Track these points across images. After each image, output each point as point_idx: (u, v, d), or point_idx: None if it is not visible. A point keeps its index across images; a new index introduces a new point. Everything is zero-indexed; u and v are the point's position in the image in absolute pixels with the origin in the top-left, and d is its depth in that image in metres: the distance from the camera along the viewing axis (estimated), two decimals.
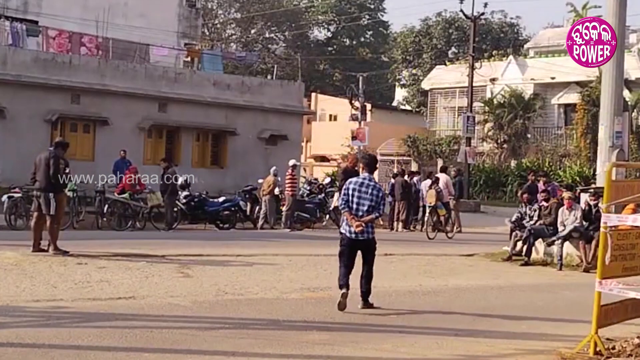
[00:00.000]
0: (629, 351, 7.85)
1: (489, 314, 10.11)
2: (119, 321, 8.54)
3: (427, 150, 43.19)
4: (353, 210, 9.91)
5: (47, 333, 7.77)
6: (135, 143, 27.15)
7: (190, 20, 36.22)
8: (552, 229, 15.98)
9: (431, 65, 50.39)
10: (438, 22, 54.88)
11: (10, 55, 25.89)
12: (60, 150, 14.08)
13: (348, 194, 9.98)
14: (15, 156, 23.30)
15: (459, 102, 43.29)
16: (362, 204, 9.91)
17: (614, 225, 7.85)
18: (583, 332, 8.02)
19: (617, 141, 16.29)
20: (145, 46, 30.21)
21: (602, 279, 7.69)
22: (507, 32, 55.40)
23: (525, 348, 8.34)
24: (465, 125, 33.21)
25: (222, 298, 10.22)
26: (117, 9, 31.89)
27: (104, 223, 20.75)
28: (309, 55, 58.10)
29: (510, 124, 39.26)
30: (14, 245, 13.88)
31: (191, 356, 7.43)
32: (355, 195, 9.95)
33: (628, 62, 23.37)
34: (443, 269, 14.80)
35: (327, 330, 8.80)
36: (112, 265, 12.55)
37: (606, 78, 16.49)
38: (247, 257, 14.48)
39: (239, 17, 60.24)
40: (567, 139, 39.40)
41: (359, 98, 39.53)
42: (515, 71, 41.69)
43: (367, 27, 65.42)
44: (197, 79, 29.89)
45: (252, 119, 30.74)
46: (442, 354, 8.03)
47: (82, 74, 26.75)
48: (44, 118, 25.95)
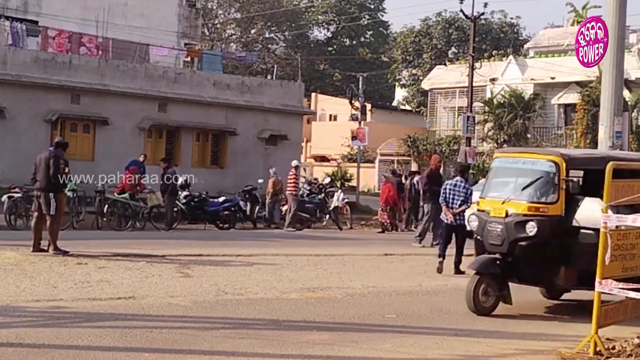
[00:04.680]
0: (629, 351, 7.85)
1: (488, 314, 10.11)
2: (119, 321, 8.54)
3: (427, 150, 43.15)
4: (449, 204, 13.70)
5: (47, 333, 7.77)
6: (135, 143, 27.13)
7: (190, 20, 36.20)
8: None
9: (431, 65, 50.36)
10: (438, 22, 54.86)
11: (10, 55, 25.88)
12: (60, 150, 14.08)
13: (446, 193, 13.83)
14: (15, 156, 23.29)
15: (459, 102, 43.25)
16: (456, 199, 13.71)
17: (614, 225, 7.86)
18: (583, 332, 8.02)
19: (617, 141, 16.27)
20: (145, 46, 30.20)
21: (602, 279, 7.70)
22: (507, 32, 55.38)
23: (525, 348, 8.35)
24: (465, 125, 33.19)
25: (222, 298, 10.22)
26: (117, 9, 31.89)
27: (104, 223, 20.74)
28: (309, 55, 58.08)
29: (510, 124, 39.24)
30: (14, 245, 13.87)
31: (191, 356, 7.43)
32: (450, 193, 13.76)
33: (628, 62, 23.35)
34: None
35: (327, 330, 8.80)
36: (112, 265, 12.55)
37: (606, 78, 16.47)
38: (247, 257, 14.48)
39: (239, 17, 60.21)
40: (567, 139, 39.37)
41: (359, 98, 39.49)
42: (515, 71, 41.67)
43: (367, 27, 65.40)
44: (197, 79, 29.88)
45: (252, 119, 30.74)
46: (442, 354, 8.03)
47: (82, 74, 26.74)
48: (44, 118, 25.95)
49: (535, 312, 10.55)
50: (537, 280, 10.40)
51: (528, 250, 9.90)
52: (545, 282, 10.52)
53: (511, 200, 10.08)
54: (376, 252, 16.36)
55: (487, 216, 10.25)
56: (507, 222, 9.94)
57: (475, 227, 10.44)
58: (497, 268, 10.06)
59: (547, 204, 9.93)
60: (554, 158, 10.11)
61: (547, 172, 10.05)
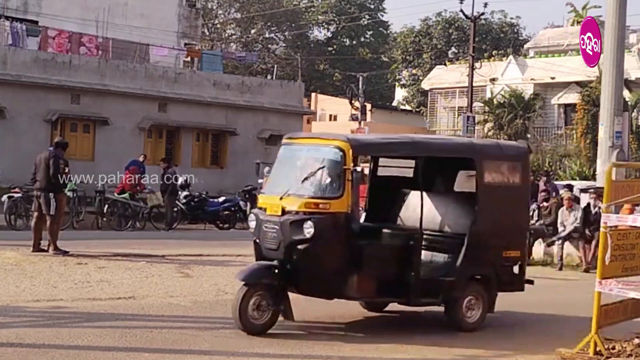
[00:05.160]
0: (629, 351, 7.85)
1: (488, 314, 10.09)
2: (119, 321, 8.54)
3: None
4: None
5: (47, 333, 7.77)
6: (135, 143, 27.13)
7: (190, 20, 36.19)
8: (551, 229, 15.98)
9: (431, 65, 50.33)
10: (438, 22, 54.82)
11: (10, 55, 25.89)
12: (60, 150, 14.08)
13: None
14: (15, 156, 23.28)
15: (459, 102, 43.23)
16: None
17: (614, 225, 7.86)
18: (583, 332, 8.01)
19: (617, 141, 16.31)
20: (145, 46, 30.20)
21: (602, 279, 7.70)
22: (507, 32, 55.34)
23: (525, 348, 8.35)
24: (465, 125, 33.22)
25: (222, 298, 10.21)
26: (117, 9, 31.87)
27: (104, 223, 20.73)
28: (309, 55, 58.03)
29: (510, 124, 39.21)
30: (14, 245, 13.87)
31: (191, 356, 7.43)
32: None
33: (628, 62, 23.36)
34: None
35: (327, 330, 8.80)
36: (112, 265, 12.55)
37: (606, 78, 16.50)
38: (247, 257, 14.45)
39: (239, 17, 60.16)
40: (567, 139, 39.34)
41: (359, 98, 39.51)
42: (515, 71, 41.65)
43: (367, 27, 65.33)
44: (197, 79, 29.89)
45: (252, 119, 30.75)
46: (442, 354, 8.04)
47: (82, 74, 26.75)
48: (43, 118, 25.95)
49: (535, 312, 10.54)
50: (320, 291, 8.58)
51: (306, 255, 8.27)
52: (332, 293, 8.60)
53: (290, 195, 8.48)
54: None
55: (264, 215, 8.74)
56: (282, 222, 8.34)
57: (253, 228, 8.88)
58: (273, 277, 8.35)
59: (328, 199, 8.28)
60: (339, 143, 8.47)
61: (331, 161, 8.47)
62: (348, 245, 8.36)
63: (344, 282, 8.36)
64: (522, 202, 9.82)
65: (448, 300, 9.01)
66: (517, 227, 9.58)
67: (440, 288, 8.91)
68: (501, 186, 9.44)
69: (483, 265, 9.25)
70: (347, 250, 8.35)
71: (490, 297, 9.30)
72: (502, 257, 9.33)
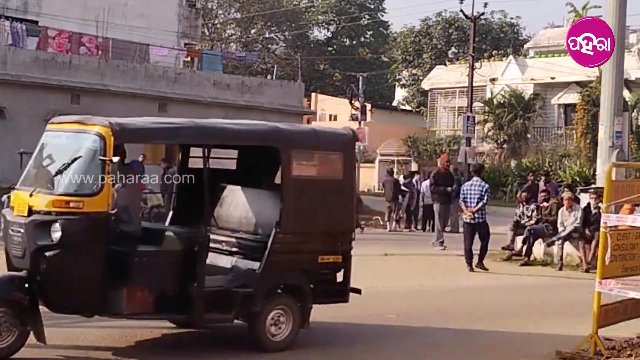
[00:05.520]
0: (629, 351, 7.85)
1: (489, 314, 10.11)
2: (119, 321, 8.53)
3: (427, 150, 43.16)
4: (467, 203, 14.27)
5: (46, 333, 7.76)
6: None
7: (190, 20, 36.18)
8: (551, 229, 15.97)
9: (431, 65, 50.35)
10: (438, 22, 54.85)
11: (10, 55, 25.89)
12: None
13: (464, 193, 14.47)
14: (15, 156, 23.17)
15: (459, 102, 43.24)
16: (472, 198, 14.28)
17: (614, 225, 7.86)
18: (583, 332, 8.02)
19: (617, 141, 16.30)
20: (145, 46, 30.20)
21: (602, 279, 7.70)
22: (507, 32, 55.36)
23: (525, 348, 8.35)
24: (465, 125, 33.17)
25: None
26: (117, 9, 31.85)
27: None
28: (309, 55, 58.04)
29: (510, 124, 39.23)
30: None
31: (191, 356, 7.43)
32: (468, 193, 14.35)
33: (628, 62, 23.36)
34: (443, 269, 14.80)
35: (327, 330, 8.80)
36: None
37: (606, 78, 16.49)
38: None
39: (239, 17, 60.18)
40: (567, 139, 39.36)
41: (359, 98, 39.49)
42: (515, 71, 41.67)
43: (367, 27, 65.35)
44: (197, 79, 29.88)
45: (252, 119, 30.58)
46: (442, 354, 8.04)
47: (82, 74, 26.74)
48: (43, 118, 25.84)
49: (535, 312, 10.55)
50: (76, 307, 7.20)
51: (54, 263, 6.86)
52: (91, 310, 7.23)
53: (40, 192, 7.23)
54: (376, 252, 16.35)
55: (11, 215, 7.43)
56: (27, 224, 7.01)
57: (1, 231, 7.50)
58: (18, 291, 6.98)
59: (82, 197, 6.97)
60: (99, 129, 7.16)
61: (88, 150, 7.20)
62: (110, 251, 7.04)
63: (108, 296, 7.04)
64: (344, 199, 8.25)
65: (246, 316, 7.63)
66: (338, 228, 8.17)
67: (234, 302, 7.45)
68: (316, 180, 8.15)
69: (292, 273, 7.92)
70: (108, 257, 7.02)
71: (304, 310, 7.90)
72: (318, 263, 7.97)
